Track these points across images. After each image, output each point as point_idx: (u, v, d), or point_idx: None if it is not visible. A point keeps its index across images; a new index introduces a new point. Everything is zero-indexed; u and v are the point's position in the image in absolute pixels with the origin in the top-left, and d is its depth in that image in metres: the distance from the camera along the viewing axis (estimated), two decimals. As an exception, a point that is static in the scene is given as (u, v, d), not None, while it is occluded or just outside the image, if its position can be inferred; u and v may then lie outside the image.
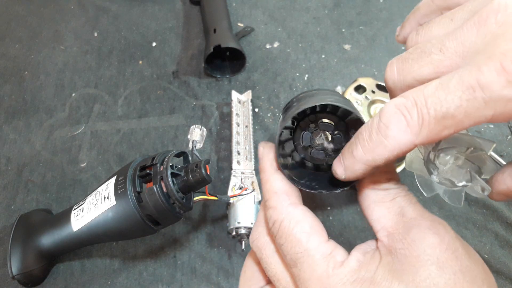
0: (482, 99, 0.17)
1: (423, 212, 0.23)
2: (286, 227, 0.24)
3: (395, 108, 0.20)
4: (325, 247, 0.23)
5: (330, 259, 0.22)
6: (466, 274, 0.21)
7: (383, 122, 0.20)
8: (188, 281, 0.48)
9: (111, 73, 0.67)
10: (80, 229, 0.41)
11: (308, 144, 0.27)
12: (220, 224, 0.52)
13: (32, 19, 0.74)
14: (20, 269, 0.43)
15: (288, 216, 0.24)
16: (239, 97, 0.61)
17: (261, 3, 0.76)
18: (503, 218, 0.53)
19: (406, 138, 0.20)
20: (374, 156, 0.21)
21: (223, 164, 0.57)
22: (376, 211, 0.24)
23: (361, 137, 0.22)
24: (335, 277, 0.22)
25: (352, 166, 0.23)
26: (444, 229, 0.22)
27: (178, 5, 0.76)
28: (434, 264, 0.20)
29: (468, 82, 0.18)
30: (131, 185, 0.38)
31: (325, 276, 0.22)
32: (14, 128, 0.60)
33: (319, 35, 0.72)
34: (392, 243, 0.22)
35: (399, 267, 0.21)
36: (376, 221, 0.24)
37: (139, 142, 0.59)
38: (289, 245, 0.23)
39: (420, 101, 0.19)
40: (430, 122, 0.19)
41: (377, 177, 0.25)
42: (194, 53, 0.69)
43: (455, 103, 0.18)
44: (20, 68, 0.67)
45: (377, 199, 0.24)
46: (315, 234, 0.23)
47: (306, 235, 0.23)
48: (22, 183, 0.55)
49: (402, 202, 0.24)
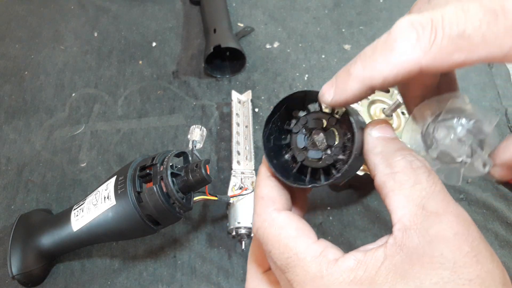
0: (503, 25, 0.16)
1: (447, 204, 0.20)
2: (271, 233, 0.23)
3: (408, 23, 0.18)
4: (314, 248, 0.22)
5: (321, 259, 0.21)
6: (486, 279, 0.18)
7: (391, 35, 0.19)
8: (188, 281, 0.48)
9: (111, 73, 0.67)
10: (80, 229, 0.41)
11: (302, 145, 0.26)
12: (220, 224, 0.52)
13: (32, 19, 0.74)
14: (20, 269, 0.43)
15: (272, 222, 0.23)
16: (239, 97, 0.61)
17: (261, 3, 0.76)
18: (503, 218, 0.53)
19: (413, 54, 0.18)
20: (374, 73, 0.19)
21: (223, 164, 0.57)
22: (394, 200, 0.20)
23: (363, 53, 0.20)
24: (330, 277, 0.20)
25: (344, 84, 0.20)
26: (468, 228, 0.19)
27: (178, 5, 0.76)
28: (449, 269, 0.18)
29: (492, 5, 0.17)
30: (131, 185, 0.38)
31: (319, 276, 0.21)
32: (14, 128, 0.60)
33: (319, 35, 0.72)
34: (406, 240, 0.19)
35: (408, 267, 0.19)
36: (394, 212, 0.20)
37: (139, 142, 0.59)
38: (277, 251, 0.22)
39: (437, 18, 0.18)
40: (443, 39, 0.17)
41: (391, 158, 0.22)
42: (194, 53, 0.69)
43: (474, 24, 0.17)
44: (20, 68, 0.67)
45: (395, 186, 0.21)
46: (302, 237, 0.22)
47: (292, 239, 0.22)
48: (22, 183, 0.55)
49: (422, 190, 0.20)
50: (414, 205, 0.20)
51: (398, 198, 0.20)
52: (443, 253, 0.18)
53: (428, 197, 0.20)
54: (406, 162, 0.21)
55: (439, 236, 0.19)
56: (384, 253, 0.20)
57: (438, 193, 0.20)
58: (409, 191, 0.20)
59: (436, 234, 0.19)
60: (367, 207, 0.53)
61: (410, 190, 0.20)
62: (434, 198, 0.20)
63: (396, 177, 0.21)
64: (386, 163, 0.22)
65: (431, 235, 0.19)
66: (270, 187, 0.25)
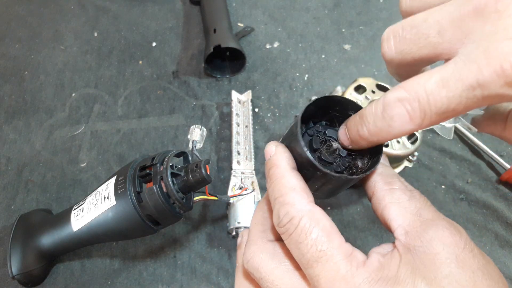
0: (481, 95, 0.19)
1: (439, 214, 0.24)
2: (307, 224, 0.23)
3: (398, 102, 0.21)
4: (346, 247, 0.23)
5: (352, 258, 0.22)
6: (484, 272, 0.21)
7: (387, 113, 0.21)
8: (188, 281, 0.48)
9: (111, 73, 0.67)
10: (80, 229, 0.41)
11: (317, 147, 0.27)
12: (220, 224, 0.52)
13: (32, 19, 0.74)
14: (20, 269, 0.43)
15: (308, 214, 0.23)
16: (239, 97, 0.61)
17: (261, 3, 0.76)
18: (503, 218, 0.53)
19: (409, 128, 0.21)
20: (379, 138, 0.23)
21: (223, 164, 0.57)
22: (393, 210, 0.24)
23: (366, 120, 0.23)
24: (360, 276, 0.21)
25: (357, 141, 0.24)
26: (459, 230, 0.22)
27: (178, 5, 0.76)
28: (454, 262, 0.21)
29: (468, 81, 0.19)
30: (131, 185, 0.38)
31: (350, 275, 0.21)
32: (14, 128, 0.60)
33: (319, 35, 0.72)
34: (410, 241, 0.22)
35: (420, 264, 0.21)
36: (393, 220, 0.24)
37: (139, 142, 0.59)
38: (310, 243, 0.22)
39: (422, 97, 0.20)
40: (431, 116, 0.20)
41: (390, 179, 0.25)
42: (194, 53, 0.69)
43: (456, 100, 0.19)
44: (20, 68, 0.67)
45: (393, 200, 0.24)
46: (336, 234, 0.23)
47: (327, 234, 0.23)
48: (22, 183, 0.55)
49: (418, 203, 0.24)
50: (411, 214, 0.23)
51: (396, 208, 0.24)
52: (444, 249, 0.21)
53: (422, 208, 0.24)
54: (401, 183, 0.25)
55: (438, 235, 0.22)
56: (398, 254, 0.22)
57: (430, 206, 0.24)
58: (406, 203, 0.24)
59: (435, 234, 0.22)
60: (367, 207, 0.53)
61: (407, 203, 0.24)
62: (428, 209, 0.24)
63: (394, 192, 0.25)
64: (385, 182, 0.25)
65: (430, 236, 0.22)
66: (299, 179, 0.25)
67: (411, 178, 0.56)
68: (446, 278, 0.20)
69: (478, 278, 0.21)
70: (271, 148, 0.27)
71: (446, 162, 0.58)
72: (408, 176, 0.56)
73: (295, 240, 0.23)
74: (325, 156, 0.27)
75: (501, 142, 0.60)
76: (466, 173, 0.57)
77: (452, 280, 0.20)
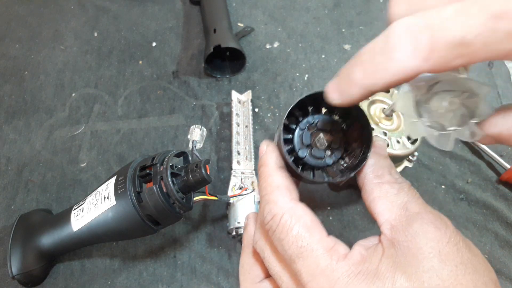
0: (506, 30, 0.16)
1: (426, 206, 0.23)
2: (288, 221, 0.23)
3: (406, 28, 0.18)
4: (327, 241, 0.23)
5: (333, 252, 0.22)
6: (468, 266, 0.21)
7: (389, 43, 0.18)
8: (188, 281, 0.48)
9: (111, 73, 0.67)
10: (80, 229, 0.41)
11: (308, 142, 0.27)
12: (220, 224, 0.52)
13: (32, 19, 0.74)
14: (20, 269, 0.43)
15: (290, 211, 0.24)
16: (239, 97, 0.61)
17: (261, 3, 0.76)
18: (503, 218, 0.53)
19: (413, 63, 0.18)
20: (375, 80, 0.19)
21: (223, 164, 0.57)
22: (380, 204, 0.24)
23: (362, 59, 0.20)
24: (340, 270, 0.22)
25: (348, 89, 0.21)
26: (445, 223, 0.22)
27: (178, 5, 0.76)
28: (436, 257, 0.21)
29: (494, 9, 0.16)
30: (131, 185, 0.38)
31: (330, 269, 0.22)
32: (14, 128, 0.60)
33: (319, 35, 0.72)
34: (395, 236, 0.22)
35: (402, 259, 0.21)
36: (380, 214, 0.24)
37: (139, 142, 0.59)
38: (291, 240, 0.23)
39: (435, 23, 0.17)
40: (442, 48, 0.17)
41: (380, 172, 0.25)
42: (194, 53, 0.69)
43: (476, 30, 0.16)
44: (20, 68, 0.67)
45: (381, 194, 0.24)
46: (317, 229, 0.23)
47: (307, 229, 0.23)
48: (22, 183, 0.55)
49: (405, 197, 0.24)
50: (398, 208, 0.23)
51: (384, 202, 0.24)
52: (427, 244, 0.21)
53: (410, 202, 0.23)
54: (391, 176, 0.25)
55: (422, 230, 0.22)
56: (382, 248, 0.22)
57: (418, 199, 0.24)
58: (393, 197, 0.24)
59: (419, 228, 0.22)
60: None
61: (394, 197, 0.24)
62: (415, 202, 0.23)
63: (382, 186, 0.24)
64: (375, 175, 0.25)
65: (415, 230, 0.22)
66: (284, 178, 0.26)
67: (411, 178, 0.56)
68: (427, 273, 0.20)
69: (460, 272, 0.20)
70: (263, 148, 0.27)
71: (446, 162, 0.58)
72: (408, 176, 0.56)
73: (277, 237, 0.24)
74: (315, 151, 0.27)
75: (501, 142, 0.60)
76: (466, 173, 0.57)
77: (433, 274, 0.20)
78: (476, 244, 0.55)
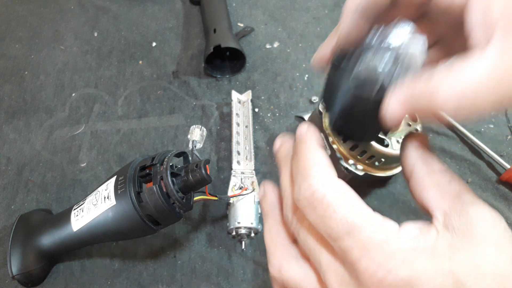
0: None
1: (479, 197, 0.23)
2: (333, 196, 0.22)
3: None
4: (376, 216, 0.22)
5: (386, 226, 0.21)
6: None
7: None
8: (188, 281, 0.48)
9: (111, 73, 0.67)
10: (80, 229, 0.41)
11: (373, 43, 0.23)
12: (220, 224, 0.52)
13: (32, 19, 0.74)
14: (20, 269, 0.43)
15: (336, 186, 0.23)
16: (239, 97, 0.61)
17: (261, 3, 0.76)
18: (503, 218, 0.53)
19: None
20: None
21: (223, 164, 0.57)
22: (432, 193, 0.23)
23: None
24: (396, 244, 0.20)
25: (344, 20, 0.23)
26: (499, 215, 0.22)
27: (178, 5, 0.76)
28: (493, 246, 0.20)
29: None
30: (131, 185, 0.38)
31: (385, 242, 0.20)
32: (14, 128, 0.60)
33: (319, 35, 0.72)
34: (449, 221, 0.21)
35: (458, 244, 0.20)
36: (433, 201, 0.23)
37: (139, 142, 0.59)
38: (338, 217, 0.21)
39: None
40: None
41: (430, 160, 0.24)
42: (194, 53, 0.69)
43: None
44: (20, 68, 0.67)
45: (433, 182, 0.23)
46: (363, 205, 0.22)
47: (355, 205, 0.22)
48: (22, 183, 0.55)
49: (458, 186, 0.23)
50: (451, 196, 0.22)
51: (436, 190, 0.23)
52: (485, 231, 0.20)
53: (462, 191, 0.23)
54: (441, 165, 0.24)
55: (479, 218, 0.21)
56: (436, 230, 0.21)
57: (470, 190, 0.23)
58: (446, 187, 0.23)
59: (476, 216, 0.21)
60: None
61: (447, 186, 0.23)
62: (468, 193, 0.23)
63: (434, 175, 0.24)
64: (425, 162, 0.24)
65: (470, 216, 0.21)
66: (324, 156, 0.25)
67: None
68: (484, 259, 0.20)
69: None
70: (303, 127, 0.26)
71: (446, 162, 0.58)
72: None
73: (320, 214, 0.22)
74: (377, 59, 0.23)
75: (501, 142, 0.60)
76: (466, 173, 0.57)
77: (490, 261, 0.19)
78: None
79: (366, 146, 0.46)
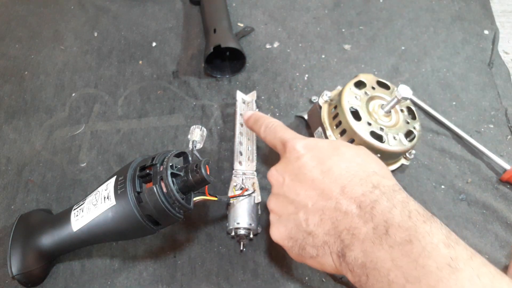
0: None
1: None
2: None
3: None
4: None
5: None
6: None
7: None
8: (188, 281, 0.48)
9: (111, 73, 0.67)
10: (80, 229, 0.41)
11: None
12: (220, 224, 0.52)
13: (32, 19, 0.74)
14: (20, 269, 0.43)
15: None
16: (244, 98, 0.61)
17: (261, 3, 0.76)
18: (503, 218, 0.53)
19: None
20: None
21: (224, 164, 0.57)
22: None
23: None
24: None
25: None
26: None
27: (178, 5, 0.76)
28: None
29: None
30: (131, 185, 0.38)
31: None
32: (14, 128, 0.60)
33: (319, 35, 0.72)
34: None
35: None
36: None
37: (139, 142, 0.59)
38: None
39: None
40: None
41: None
42: (194, 53, 0.69)
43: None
44: (20, 68, 0.67)
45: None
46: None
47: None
48: (22, 183, 0.55)
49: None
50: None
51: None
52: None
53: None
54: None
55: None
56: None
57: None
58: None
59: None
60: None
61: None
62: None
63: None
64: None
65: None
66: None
67: (410, 178, 0.56)
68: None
69: None
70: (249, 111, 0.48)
71: (446, 162, 0.58)
72: (408, 176, 0.56)
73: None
74: None
75: (501, 142, 0.60)
76: (466, 173, 0.57)
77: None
78: (476, 244, 0.55)
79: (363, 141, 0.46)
